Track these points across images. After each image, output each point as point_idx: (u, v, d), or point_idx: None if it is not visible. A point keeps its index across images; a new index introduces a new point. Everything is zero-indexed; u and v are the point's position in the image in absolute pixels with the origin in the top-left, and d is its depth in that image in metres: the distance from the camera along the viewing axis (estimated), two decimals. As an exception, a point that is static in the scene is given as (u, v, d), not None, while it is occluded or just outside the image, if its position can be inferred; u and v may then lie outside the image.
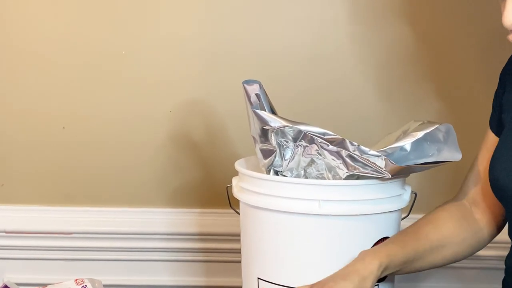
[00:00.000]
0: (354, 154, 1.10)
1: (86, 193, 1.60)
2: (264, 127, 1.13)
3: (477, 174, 1.19)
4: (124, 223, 1.58)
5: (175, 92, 1.55)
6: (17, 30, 1.54)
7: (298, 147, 1.13)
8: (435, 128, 1.13)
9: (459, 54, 1.53)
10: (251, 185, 1.16)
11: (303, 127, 1.12)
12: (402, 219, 1.22)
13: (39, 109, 1.56)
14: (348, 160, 1.11)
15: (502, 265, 1.39)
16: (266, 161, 1.16)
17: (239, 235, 1.23)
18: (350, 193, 1.12)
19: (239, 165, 1.21)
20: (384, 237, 1.15)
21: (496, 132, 1.17)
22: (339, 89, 1.55)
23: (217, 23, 1.53)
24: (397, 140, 1.13)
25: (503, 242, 1.49)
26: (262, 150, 1.16)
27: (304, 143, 1.13)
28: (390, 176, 1.09)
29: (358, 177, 1.12)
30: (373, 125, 1.54)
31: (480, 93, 1.30)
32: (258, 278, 1.16)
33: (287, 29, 1.53)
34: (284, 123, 1.12)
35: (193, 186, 1.59)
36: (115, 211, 1.59)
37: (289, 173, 1.16)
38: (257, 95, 1.15)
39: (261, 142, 1.15)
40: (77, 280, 1.32)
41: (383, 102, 1.55)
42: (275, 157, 1.15)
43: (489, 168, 1.12)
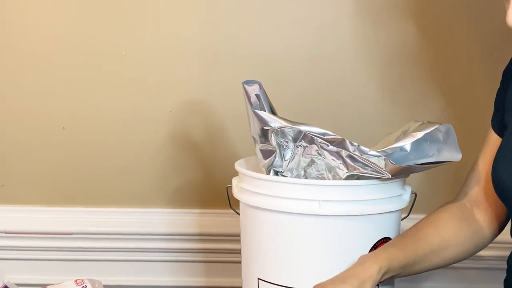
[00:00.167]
0: (354, 154, 1.10)
1: (86, 193, 1.60)
2: (264, 128, 1.13)
3: (478, 174, 1.19)
4: (124, 223, 1.58)
5: (175, 92, 1.55)
6: (17, 30, 1.54)
7: (298, 147, 1.13)
8: (435, 128, 1.13)
9: (461, 54, 1.52)
10: (251, 185, 1.16)
11: (303, 128, 1.11)
12: (402, 219, 1.21)
13: (39, 109, 1.56)
14: (348, 160, 1.11)
15: (502, 265, 1.39)
16: (266, 161, 1.16)
17: (239, 235, 1.22)
18: (350, 193, 1.11)
19: (239, 165, 1.21)
20: (384, 237, 1.15)
21: (499, 132, 1.17)
22: (340, 89, 1.54)
23: (217, 23, 1.53)
24: (397, 140, 1.13)
25: (504, 242, 1.48)
26: (262, 151, 1.16)
27: (304, 144, 1.13)
28: (390, 176, 1.09)
29: (358, 177, 1.12)
30: (374, 125, 1.54)
31: (483, 93, 1.30)
32: (258, 278, 1.16)
33: (287, 29, 1.53)
34: (284, 123, 1.12)
35: (193, 187, 1.59)
36: (115, 212, 1.59)
37: (289, 174, 1.16)
38: (257, 95, 1.15)
39: (261, 142, 1.15)
40: (77, 281, 1.31)
41: (384, 102, 1.54)
42: (275, 157, 1.15)
43: (492, 168, 1.12)
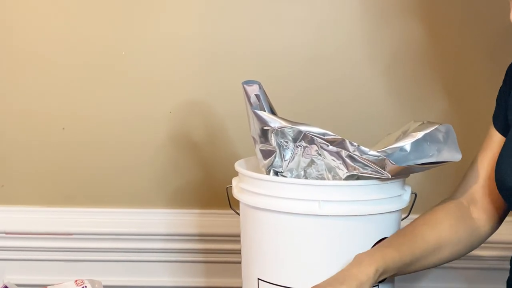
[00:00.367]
0: (354, 154, 1.10)
1: (86, 193, 1.60)
2: (264, 128, 1.13)
3: (478, 172, 1.18)
4: (124, 224, 1.58)
5: (175, 92, 1.55)
6: (17, 30, 1.54)
7: (298, 147, 1.13)
8: (435, 128, 1.13)
9: (464, 53, 1.52)
10: (251, 185, 1.16)
11: (303, 128, 1.11)
12: (402, 219, 1.21)
13: (39, 109, 1.56)
14: (348, 160, 1.11)
15: (503, 265, 1.39)
16: (266, 161, 1.16)
17: (239, 235, 1.22)
18: (350, 193, 1.11)
19: (239, 165, 1.21)
20: (384, 238, 1.14)
21: (501, 131, 1.16)
22: (341, 89, 1.54)
23: (217, 23, 1.53)
24: (397, 140, 1.13)
25: (503, 242, 1.49)
26: (262, 151, 1.16)
27: (304, 144, 1.13)
28: (390, 176, 1.09)
29: (358, 178, 1.12)
30: (376, 124, 1.53)
31: (487, 93, 1.29)
32: (258, 278, 1.16)
33: (287, 29, 1.53)
34: (284, 123, 1.12)
35: (193, 187, 1.59)
36: (115, 212, 1.59)
37: (289, 174, 1.16)
38: (256, 95, 1.15)
39: (261, 142, 1.15)
40: (77, 281, 1.31)
41: (386, 102, 1.54)
42: (275, 157, 1.15)
43: (496, 168, 1.11)
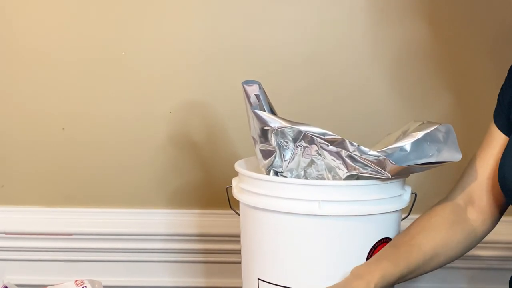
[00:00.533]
0: (354, 154, 1.10)
1: (86, 194, 1.60)
2: (264, 128, 1.13)
3: (476, 171, 1.18)
4: (124, 224, 1.58)
5: (175, 92, 1.55)
6: (17, 30, 1.54)
7: (298, 147, 1.13)
8: (435, 128, 1.13)
9: (467, 52, 1.52)
10: (251, 186, 1.16)
11: (303, 128, 1.11)
12: (402, 219, 1.21)
13: (39, 109, 1.56)
14: (348, 160, 1.11)
15: (503, 265, 1.39)
16: (266, 161, 1.16)
17: (239, 236, 1.22)
18: (350, 193, 1.11)
19: (239, 165, 1.21)
20: (384, 237, 1.15)
21: (504, 130, 1.16)
22: (340, 88, 1.54)
23: (217, 23, 1.53)
24: (397, 140, 1.13)
25: (503, 242, 1.49)
26: (262, 151, 1.16)
27: (304, 144, 1.13)
28: (390, 176, 1.09)
29: (358, 178, 1.12)
30: (375, 124, 1.53)
31: (490, 92, 1.28)
32: (258, 279, 1.16)
33: (287, 29, 1.53)
34: (283, 123, 1.12)
35: (193, 187, 1.59)
36: (115, 212, 1.59)
37: (289, 174, 1.16)
38: (256, 95, 1.15)
39: (261, 142, 1.15)
40: (77, 281, 1.31)
41: (385, 101, 1.54)
42: (275, 157, 1.15)
43: (499, 168, 1.11)
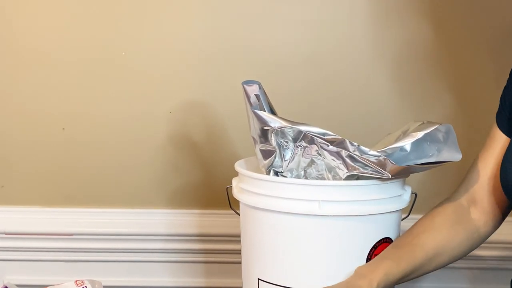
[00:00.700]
0: (354, 154, 1.10)
1: (86, 194, 1.60)
2: (264, 128, 1.13)
3: (479, 172, 1.18)
4: (124, 224, 1.58)
5: (175, 93, 1.55)
6: (17, 30, 1.54)
7: (298, 147, 1.13)
8: (435, 128, 1.13)
9: (469, 52, 1.51)
10: (251, 186, 1.16)
11: (303, 128, 1.11)
12: (402, 219, 1.21)
13: (39, 109, 1.56)
14: (348, 160, 1.11)
15: (503, 265, 1.39)
16: (266, 161, 1.16)
17: (239, 236, 1.22)
18: (350, 193, 1.11)
19: (239, 166, 1.21)
20: (384, 237, 1.15)
21: (506, 132, 1.16)
22: (341, 88, 1.54)
23: (217, 23, 1.53)
24: (397, 140, 1.13)
25: (503, 242, 1.49)
26: (262, 151, 1.16)
27: (304, 144, 1.13)
28: (390, 176, 1.09)
29: (358, 178, 1.12)
30: (376, 124, 1.53)
31: (491, 92, 1.28)
32: (258, 279, 1.16)
33: (287, 29, 1.52)
34: (284, 123, 1.12)
35: (193, 187, 1.59)
36: (115, 212, 1.59)
37: (289, 174, 1.16)
38: (256, 95, 1.15)
39: (261, 142, 1.15)
40: (77, 281, 1.31)
41: (386, 101, 1.54)
42: (275, 157, 1.15)
43: (501, 169, 1.11)
